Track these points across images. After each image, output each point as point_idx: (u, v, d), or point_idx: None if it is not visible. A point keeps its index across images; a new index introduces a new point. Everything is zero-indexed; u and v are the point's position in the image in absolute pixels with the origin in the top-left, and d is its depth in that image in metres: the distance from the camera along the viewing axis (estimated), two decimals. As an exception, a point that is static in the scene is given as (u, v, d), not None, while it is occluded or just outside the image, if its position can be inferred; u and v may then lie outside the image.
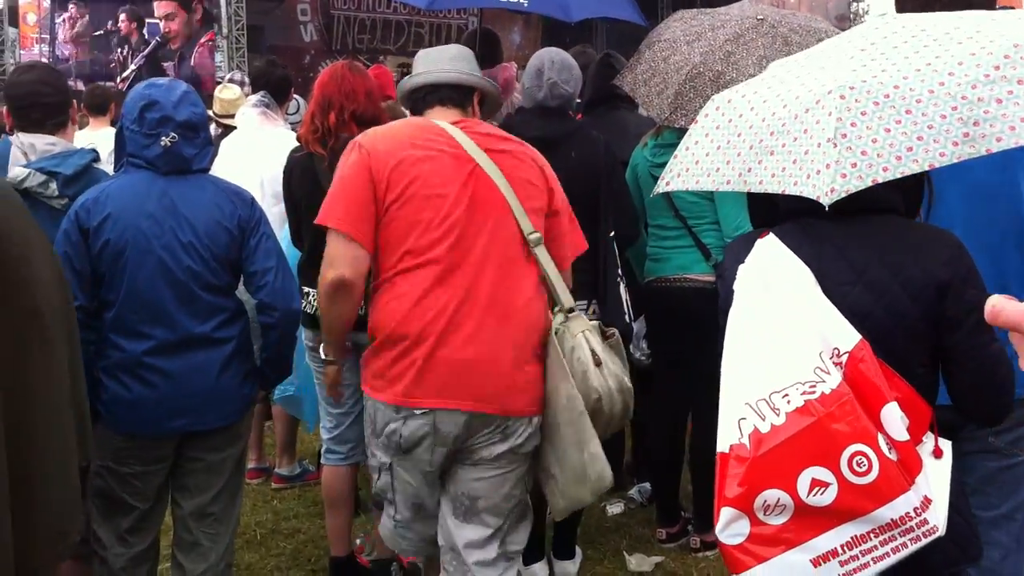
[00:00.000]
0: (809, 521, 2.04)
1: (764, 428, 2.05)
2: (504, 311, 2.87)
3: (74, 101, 3.53)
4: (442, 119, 3.04)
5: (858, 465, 2.01)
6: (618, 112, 4.80)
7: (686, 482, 4.57)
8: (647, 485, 4.91)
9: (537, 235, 2.95)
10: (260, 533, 4.69)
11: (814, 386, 2.05)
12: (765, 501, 2.03)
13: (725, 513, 2.07)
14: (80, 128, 7.69)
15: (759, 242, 2.28)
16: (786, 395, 2.05)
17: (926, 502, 2.06)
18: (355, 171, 2.88)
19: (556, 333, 2.93)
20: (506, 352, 2.86)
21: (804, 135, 2.09)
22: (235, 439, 3.22)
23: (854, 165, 1.99)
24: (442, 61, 3.18)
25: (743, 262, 2.27)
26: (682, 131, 3.39)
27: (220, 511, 3.22)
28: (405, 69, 15.41)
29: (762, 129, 2.21)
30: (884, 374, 2.10)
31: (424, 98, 3.14)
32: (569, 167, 3.83)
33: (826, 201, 1.98)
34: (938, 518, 2.06)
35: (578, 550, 4.24)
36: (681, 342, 4.25)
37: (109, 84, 9.87)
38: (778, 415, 2.04)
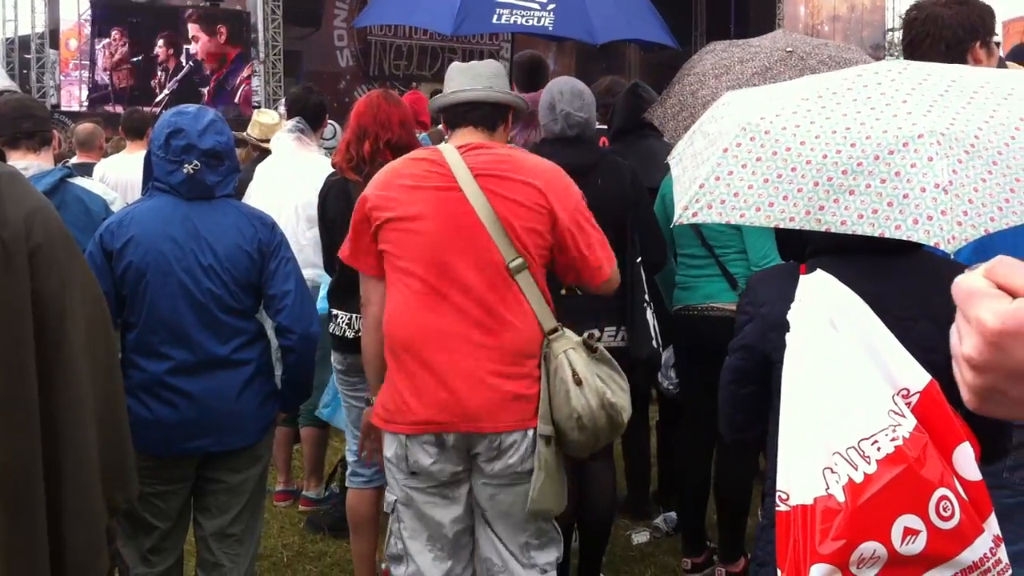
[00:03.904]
0: (899, 571, 1.98)
1: (858, 478, 1.97)
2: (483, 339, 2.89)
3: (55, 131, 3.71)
4: (467, 140, 3.04)
5: (944, 510, 1.97)
6: (647, 141, 4.81)
7: (712, 512, 4.53)
8: (673, 514, 4.88)
9: (519, 261, 2.90)
10: (287, 556, 4.70)
11: (895, 430, 1.99)
12: (861, 554, 1.95)
13: (818, 570, 1.96)
14: (117, 151, 7.81)
15: (807, 277, 2.18)
16: (875, 442, 1.98)
17: (997, 541, 2.04)
18: (358, 218, 3.02)
19: (544, 357, 2.93)
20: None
21: (896, 177, 2.05)
22: (255, 460, 3.24)
23: (965, 213, 1.98)
24: (477, 78, 3.12)
25: (790, 298, 2.17)
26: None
27: (241, 532, 3.24)
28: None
29: (827, 166, 2.13)
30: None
31: (457, 117, 3.12)
32: (596, 195, 3.84)
33: (950, 249, 1.96)
34: (1006, 555, 2.04)
35: (603, 579, 4.21)
36: (709, 371, 4.21)
37: (147, 109, 9.98)
38: (869, 463, 1.97)
